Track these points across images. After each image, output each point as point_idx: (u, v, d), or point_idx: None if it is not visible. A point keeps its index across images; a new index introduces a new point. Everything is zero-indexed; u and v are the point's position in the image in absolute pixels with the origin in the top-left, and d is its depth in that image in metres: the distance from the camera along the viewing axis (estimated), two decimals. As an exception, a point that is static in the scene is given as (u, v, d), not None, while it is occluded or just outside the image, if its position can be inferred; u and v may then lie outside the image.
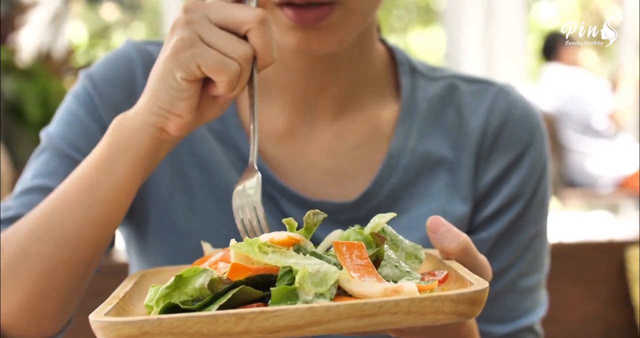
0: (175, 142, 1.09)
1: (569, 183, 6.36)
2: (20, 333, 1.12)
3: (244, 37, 1.00)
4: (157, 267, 1.07)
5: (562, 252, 1.97)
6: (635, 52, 7.41)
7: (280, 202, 1.22)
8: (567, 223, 6.58)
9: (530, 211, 1.27)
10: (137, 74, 1.25)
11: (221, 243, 1.03)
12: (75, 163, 1.18)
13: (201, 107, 1.04)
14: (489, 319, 1.24)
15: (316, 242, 1.09)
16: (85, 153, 1.19)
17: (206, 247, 1.04)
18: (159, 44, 1.29)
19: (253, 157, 1.02)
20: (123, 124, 1.06)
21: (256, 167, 1.01)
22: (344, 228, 1.18)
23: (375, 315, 0.74)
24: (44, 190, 1.19)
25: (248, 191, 1.01)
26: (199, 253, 1.05)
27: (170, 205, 1.22)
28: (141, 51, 1.27)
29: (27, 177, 1.22)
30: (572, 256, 2.03)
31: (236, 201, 1.01)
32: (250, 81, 1.03)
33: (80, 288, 1.13)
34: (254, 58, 1.01)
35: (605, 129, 6.42)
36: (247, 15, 0.99)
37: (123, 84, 1.25)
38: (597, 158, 6.34)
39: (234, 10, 1.00)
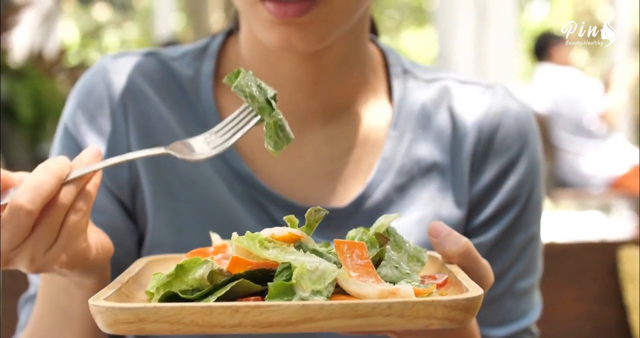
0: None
1: (561, 183, 6.37)
2: None
3: None
4: (164, 255, 1.08)
5: (555, 252, 1.97)
6: (627, 52, 7.43)
7: (270, 210, 1.21)
8: (559, 223, 6.59)
9: (526, 214, 1.27)
10: (113, 100, 1.23)
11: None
12: None
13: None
14: (487, 322, 1.24)
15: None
16: None
17: (215, 237, 1.05)
18: (132, 54, 1.29)
19: None
20: None
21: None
22: (337, 234, 1.18)
23: (368, 316, 0.75)
24: None
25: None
26: None
27: (156, 222, 1.20)
28: (108, 80, 1.25)
29: None
30: (564, 256, 2.03)
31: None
32: None
33: None
34: None
35: (598, 129, 6.43)
36: None
37: (103, 113, 1.24)
38: (589, 158, 6.35)
39: None
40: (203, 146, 0.98)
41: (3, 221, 0.89)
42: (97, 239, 1.02)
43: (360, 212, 1.22)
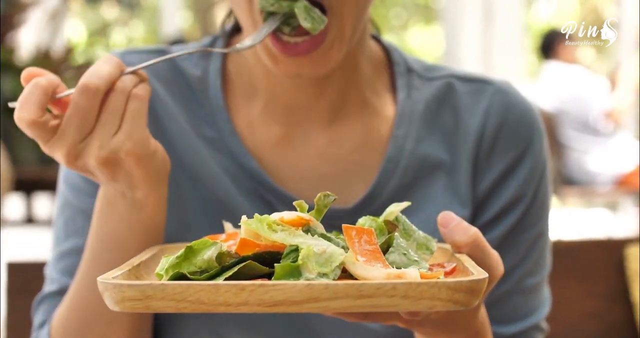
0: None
1: (567, 181, 6.37)
2: None
3: None
4: (176, 243, 1.09)
5: (561, 250, 1.97)
6: (633, 50, 7.42)
7: (278, 208, 1.21)
8: (566, 221, 6.59)
9: (532, 211, 1.26)
10: None
11: None
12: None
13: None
14: (497, 320, 1.24)
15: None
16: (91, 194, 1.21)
17: (227, 226, 1.06)
18: (140, 51, 1.28)
19: None
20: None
21: None
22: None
23: (372, 297, 0.76)
24: (79, 252, 1.21)
25: None
26: None
27: None
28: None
29: (60, 236, 1.24)
30: (571, 254, 2.03)
31: None
32: None
33: None
34: None
35: (604, 126, 6.43)
36: None
37: None
38: (595, 156, 6.35)
39: None
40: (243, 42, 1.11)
41: (72, 105, 0.99)
42: (156, 143, 1.07)
43: (366, 213, 1.21)
